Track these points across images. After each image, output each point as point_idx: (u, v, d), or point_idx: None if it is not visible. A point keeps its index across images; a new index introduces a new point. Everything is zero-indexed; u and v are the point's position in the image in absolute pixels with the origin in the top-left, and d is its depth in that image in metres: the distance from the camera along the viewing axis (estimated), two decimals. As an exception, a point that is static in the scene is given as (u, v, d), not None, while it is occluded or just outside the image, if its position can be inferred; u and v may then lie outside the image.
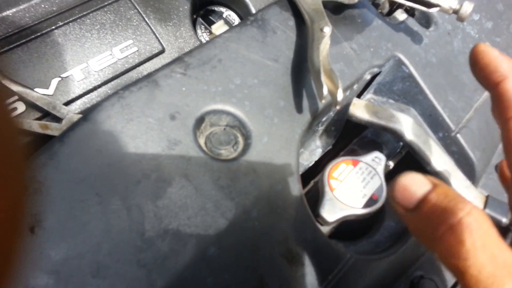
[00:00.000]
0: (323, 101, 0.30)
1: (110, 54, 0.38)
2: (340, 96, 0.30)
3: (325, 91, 0.30)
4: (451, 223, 0.19)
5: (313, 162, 0.40)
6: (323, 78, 0.30)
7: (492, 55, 0.24)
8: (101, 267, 0.24)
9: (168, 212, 0.26)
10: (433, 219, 0.19)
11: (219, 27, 0.38)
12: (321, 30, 0.33)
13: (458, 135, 0.41)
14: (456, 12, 0.36)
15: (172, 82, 0.30)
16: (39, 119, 0.33)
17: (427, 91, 0.41)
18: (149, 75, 0.30)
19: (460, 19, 0.36)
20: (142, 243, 0.25)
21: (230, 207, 0.28)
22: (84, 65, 0.37)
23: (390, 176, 0.44)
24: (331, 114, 0.39)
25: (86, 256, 0.24)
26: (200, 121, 0.30)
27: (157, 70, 0.30)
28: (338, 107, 0.31)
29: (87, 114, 0.27)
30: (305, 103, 0.34)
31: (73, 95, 0.35)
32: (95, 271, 0.24)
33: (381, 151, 0.40)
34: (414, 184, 0.21)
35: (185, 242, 0.26)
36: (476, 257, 0.18)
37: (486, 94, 0.46)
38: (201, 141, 0.30)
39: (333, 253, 0.31)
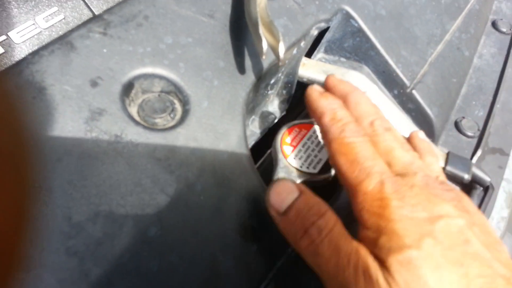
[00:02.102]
0: (264, 57, 0.31)
1: (33, 24, 0.36)
2: (282, 50, 0.31)
3: (264, 45, 0.30)
4: (306, 226, 0.25)
5: (266, 130, 0.41)
6: (262, 31, 0.31)
7: (314, 96, 0.32)
8: (24, 258, 0.23)
9: (97, 192, 0.26)
10: (296, 224, 0.26)
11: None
12: (259, -21, 0.34)
13: (414, 91, 0.44)
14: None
15: (91, 44, 0.29)
16: None
17: (379, 46, 0.43)
18: (62, 36, 0.29)
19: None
20: (70, 228, 0.25)
21: (170, 182, 0.28)
22: (3, 37, 0.35)
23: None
24: (280, 76, 0.40)
25: (4, 247, 0.23)
26: (128, 87, 0.29)
27: (71, 31, 0.29)
28: (281, 64, 0.32)
29: (-12, 84, 0.26)
30: (248, 62, 0.35)
31: None
32: (17, 263, 0.23)
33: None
34: (284, 192, 0.27)
35: (120, 224, 0.26)
36: (323, 255, 0.24)
37: (440, 47, 0.49)
38: (133, 110, 0.30)
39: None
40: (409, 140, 0.33)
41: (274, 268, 0.30)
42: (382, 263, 0.23)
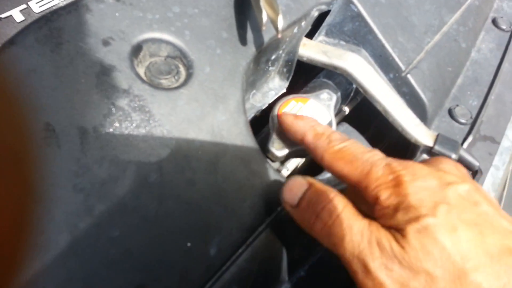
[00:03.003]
0: (264, 28, 0.33)
1: None
2: (280, 23, 0.33)
3: (264, 17, 0.33)
4: (318, 211, 0.28)
5: (266, 105, 0.43)
6: (262, 3, 0.33)
7: (289, 120, 0.34)
8: (34, 191, 0.25)
9: (104, 138, 0.28)
10: (308, 211, 0.28)
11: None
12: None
13: (409, 76, 0.46)
14: None
15: (104, 7, 0.32)
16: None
17: (377, 31, 0.45)
18: (79, -1, 0.31)
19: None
20: (77, 168, 0.27)
21: (172, 136, 0.30)
22: (24, 6, 0.37)
23: (347, 121, 0.49)
24: (281, 53, 0.42)
25: (16, 181, 0.25)
26: (137, 49, 0.32)
27: (87, -6, 0.32)
28: (280, 36, 0.34)
29: (13, 37, 0.28)
30: (249, 35, 0.37)
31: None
32: (28, 195, 0.25)
33: (332, 90, 0.44)
34: (295, 186, 0.30)
35: (123, 168, 0.28)
36: (337, 234, 0.26)
37: (437, 37, 0.51)
38: (141, 70, 0.32)
39: (281, 185, 0.34)
40: None
41: (263, 223, 0.32)
42: (401, 233, 0.25)
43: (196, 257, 0.29)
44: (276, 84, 0.45)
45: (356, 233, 0.26)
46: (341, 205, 0.27)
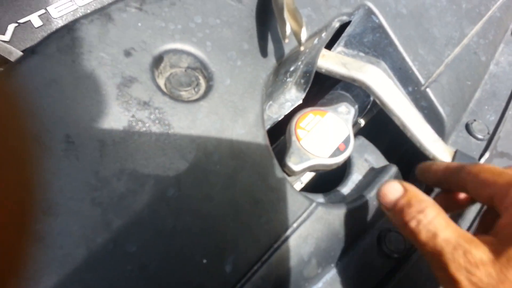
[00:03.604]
0: (287, 41, 0.32)
1: (71, 1, 0.38)
2: (304, 36, 0.32)
3: (288, 29, 0.32)
4: (407, 220, 0.29)
5: (282, 116, 0.42)
6: (287, 16, 0.32)
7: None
8: (52, 205, 0.25)
9: (124, 151, 0.28)
10: (399, 217, 0.30)
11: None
12: (288, -31, 0.35)
13: (428, 90, 0.45)
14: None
15: (127, 17, 0.31)
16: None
17: (397, 43, 0.44)
18: (102, 8, 0.31)
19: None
20: (96, 181, 0.26)
21: (191, 149, 0.30)
22: (42, 11, 0.37)
23: (362, 133, 0.48)
24: (300, 64, 0.42)
25: (34, 194, 0.25)
26: (158, 60, 0.31)
27: (110, 4, 0.31)
28: (302, 49, 0.33)
29: (34, 46, 0.28)
30: (270, 47, 0.36)
31: (31, 42, 0.36)
32: (47, 209, 0.25)
33: (350, 103, 0.43)
34: (390, 192, 0.32)
35: (142, 182, 0.28)
36: (420, 241, 0.28)
37: (457, 50, 0.50)
38: (161, 81, 0.32)
39: (297, 201, 0.33)
40: None
41: (279, 240, 0.31)
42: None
43: (211, 274, 0.28)
44: (292, 95, 0.44)
45: (441, 241, 0.27)
46: (431, 216, 0.29)
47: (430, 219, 0.29)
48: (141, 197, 0.27)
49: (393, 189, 0.32)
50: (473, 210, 0.44)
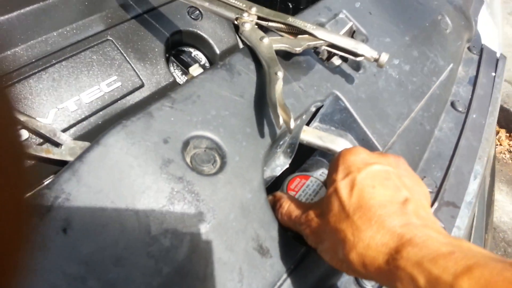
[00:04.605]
0: (280, 129, 0.44)
1: (98, 88, 0.49)
2: (292, 125, 0.44)
3: (281, 121, 0.44)
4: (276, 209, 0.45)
5: (274, 178, 0.53)
6: (279, 110, 0.44)
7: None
8: (120, 258, 0.34)
9: (167, 215, 0.37)
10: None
11: (195, 69, 0.51)
12: (276, 73, 0.48)
13: (386, 155, 0.57)
14: (376, 60, 0.53)
15: (163, 114, 0.42)
16: (39, 145, 0.43)
17: (359, 120, 0.57)
18: (144, 108, 0.42)
19: (380, 65, 0.53)
20: (149, 239, 0.36)
21: (212, 212, 0.40)
22: (76, 97, 0.47)
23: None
24: (287, 139, 0.53)
25: (108, 250, 0.34)
26: (186, 144, 0.42)
27: (150, 105, 0.42)
28: (291, 134, 0.45)
29: (99, 138, 0.38)
30: (266, 130, 0.48)
31: (67, 124, 0.45)
32: (116, 261, 0.34)
33: (326, 168, 0.55)
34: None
35: (181, 239, 0.37)
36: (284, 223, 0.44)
37: (406, 123, 0.63)
38: (188, 160, 0.42)
39: (292, 247, 0.43)
40: None
41: (281, 277, 0.41)
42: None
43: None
44: (281, 161, 0.55)
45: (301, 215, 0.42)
46: (288, 202, 0.44)
47: (286, 208, 0.43)
48: (182, 249, 0.37)
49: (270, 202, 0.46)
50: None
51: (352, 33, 0.65)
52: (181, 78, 0.56)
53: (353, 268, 0.35)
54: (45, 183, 0.42)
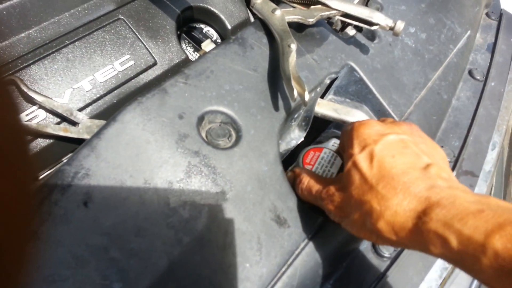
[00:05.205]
0: (294, 102, 0.44)
1: (112, 68, 0.49)
2: (307, 97, 0.44)
3: (295, 93, 0.43)
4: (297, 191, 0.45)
5: (289, 151, 0.53)
6: (293, 83, 0.44)
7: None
8: (140, 229, 0.35)
9: (185, 188, 0.38)
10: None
11: (207, 45, 0.51)
12: (289, 46, 0.47)
13: (402, 126, 0.57)
14: (392, 29, 0.52)
15: (177, 90, 0.42)
16: (57, 124, 0.44)
17: (375, 91, 0.56)
18: (159, 85, 0.42)
19: (395, 34, 0.52)
20: (168, 211, 0.37)
21: (230, 185, 0.40)
22: (91, 77, 0.48)
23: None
24: (301, 112, 0.53)
25: (129, 221, 0.35)
26: (201, 119, 0.42)
27: (164, 81, 0.42)
28: (306, 106, 0.45)
29: (115, 115, 0.39)
30: (280, 103, 0.47)
31: (83, 103, 0.46)
32: (137, 232, 0.35)
33: (338, 138, 0.54)
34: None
35: (200, 210, 0.38)
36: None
37: (423, 92, 0.62)
38: (203, 134, 0.42)
39: (310, 217, 0.44)
40: None
41: (299, 247, 0.42)
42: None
43: (251, 275, 0.38)
44: (296, 135, 0.55)
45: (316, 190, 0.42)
46: (307, 178, 0.44)
47: (306, 183, 0.43)
48: (201, 220, 0.37)
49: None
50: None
51: (366, 2, 0.63)
52: (193, 55, 0.56)
53: (383, 237, 0.35)
54: (64, 160, 0.43)
